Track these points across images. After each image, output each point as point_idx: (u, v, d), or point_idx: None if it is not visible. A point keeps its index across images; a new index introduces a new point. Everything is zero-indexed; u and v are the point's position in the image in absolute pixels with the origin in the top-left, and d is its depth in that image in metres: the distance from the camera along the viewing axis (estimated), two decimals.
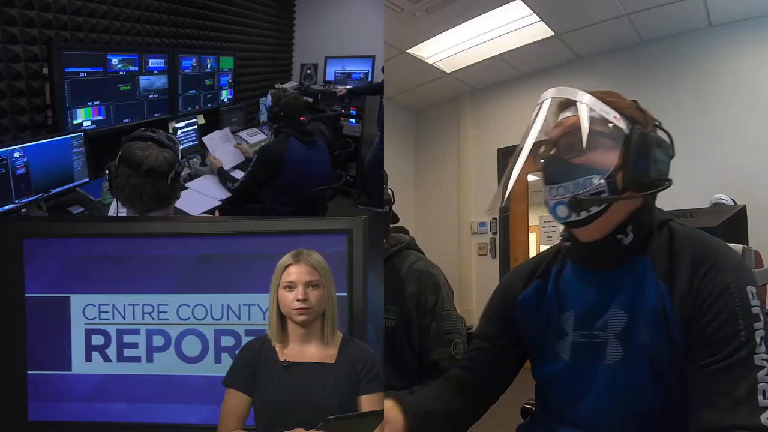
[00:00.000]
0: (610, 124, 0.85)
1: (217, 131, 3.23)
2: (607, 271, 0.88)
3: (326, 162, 2.83)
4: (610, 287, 0.86)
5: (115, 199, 1.45)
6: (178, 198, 1.44)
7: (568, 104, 0.91)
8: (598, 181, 0.82)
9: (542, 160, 0.93)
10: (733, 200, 3.00)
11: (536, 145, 0.92)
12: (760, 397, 0.67)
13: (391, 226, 1.56)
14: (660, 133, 0.89)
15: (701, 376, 0.72)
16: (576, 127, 0.86)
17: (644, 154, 0.83)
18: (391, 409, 0.89)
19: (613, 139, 0.85)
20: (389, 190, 1.59)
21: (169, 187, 1.38)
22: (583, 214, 0.84)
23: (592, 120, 0.85)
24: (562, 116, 0.91)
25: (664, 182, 0.85)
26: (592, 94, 0.89)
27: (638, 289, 0.83)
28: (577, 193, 0.83)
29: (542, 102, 0.92)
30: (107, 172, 1.38)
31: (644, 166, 0.83)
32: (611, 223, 0.86)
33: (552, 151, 0.90)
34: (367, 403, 1.12)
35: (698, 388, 0.72)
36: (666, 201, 0.95)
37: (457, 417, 1.01)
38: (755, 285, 0.75)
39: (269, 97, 2.72)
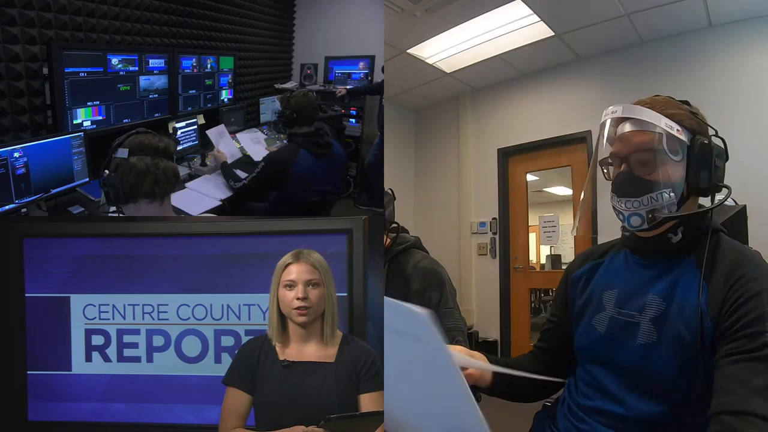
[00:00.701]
0: (675, 139, 0.93)
1: (217, 127, 3.17)
2: (654, 261, 0.97)
3: (337, 174, 2.69)
4: (654, 276, 0.95)
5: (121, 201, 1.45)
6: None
7: (629, 117, 0.96)
8: (668, 194, 0.92)
9: (605, 168, 1.01)
10: (734, 200, 3.00)
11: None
12: None
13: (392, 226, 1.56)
14: (714, 137, 0.96)
15: (724, 366, 0.78)
16: (646, 146, 0.93)
17: (706, 164, 0.92)
18: (477, 352, 0.99)
19: (678, 153, 0.93)
20: (389, 190, 1.59)
21: (177, 167, 1.46)
22: (653, 224, 0.94)
23: (659, 138, 0.92)
24: (621, 129, 0.97)
25: (722, 188, 0.94)
26: (652, 105, 0.95)
27: (680, 284, 0.91)
28: (651, 207, 0.93)
29: (605, 120, 0.99)
30: (108, 174, 1.38)
31: (706, 176, 0.92)
32: (668, 225, 0.95)
33: (622, 167, 0.97)
34: (367, 401, 1.12)
35: (720, 377, 0.78)
36: None
37: (536, 380, 1.08)
38: None
39: (277, 102, 2.61)
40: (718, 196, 0.96)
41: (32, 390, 1.47)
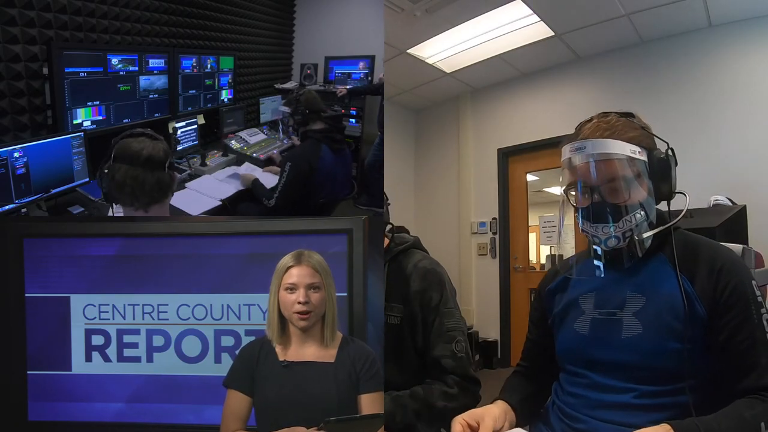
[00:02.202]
0: (638, 161, 1.00)
1: (244, 165, 3.14)
2: (625, 262, 1.03)
3: (349, 171, 2.74)
4: (628, 275, 1.03)
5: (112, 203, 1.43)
6: (173, 190, 1.44)
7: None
8: (641, 214, 1.00)
9: (572, 191, 1.07)
10: (731, 200, 3.00)
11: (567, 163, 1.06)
12: None
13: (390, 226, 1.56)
14: (660, 143, 1.04)
15: (732, 356, 0.90)
16: (616, 175, 0.99)
17: (666, 176, 1.01)
18: (499, 404, 1.08)
19: (642, 172, 1.01)
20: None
21: (167, 176, 1.38)
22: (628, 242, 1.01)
23: (626, 165, 0.99)
24: (587, 159, 1.01)
25: (676, 194, 1.03)
26: (612, 133, 0.99)
27: (657, 278, 0.99)
28: (627, 228, 0.99)
29: (573, 156, 1.03)
30: (100, 175, 1.38)
31: (666, 186, 1.01)
32: None
33: (595, 197, 1.01)
34: (367, 401, 1.12)
35: (732, 365, 0.91)
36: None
37: (532, 398, 1.17)
38: (754, 279, 0.95)
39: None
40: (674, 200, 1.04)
41: (32, 390, 1.47)
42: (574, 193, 1.06)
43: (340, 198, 2.69)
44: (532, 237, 4.96)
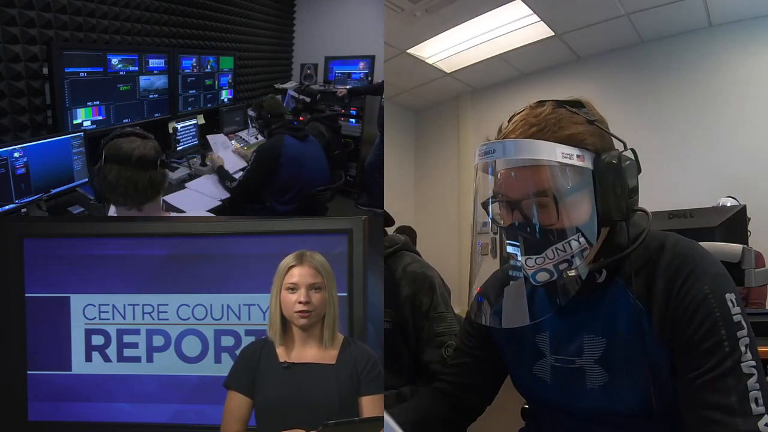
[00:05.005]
0: (576, 169, 0.76)
1: (218, 135, 3.23)
2: (581, 297, 0.80)
3: (321, 157, 2.88)
4: (585, 313, 0.83)
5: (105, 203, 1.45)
6: (164, 187, 1.46)
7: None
8: (577, 241, 0.76)
9: (496, 215, 0.86)
10: (735, 200, 3.00)
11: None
12: (753, 405, 0.67)
13: (395, 227, 1.54)
14: (617, 142, 0.81)
15: (692, 390, 0.71)
16: (542, 187, 0.76)
17: (615, 187, 0.76)
18: None
19: (582, 183, 0.77)
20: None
21: (159, 174, 1.39)
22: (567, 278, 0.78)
23: (557, 173, 0.75)
24: (504, 164, 0.80)
25: (636, 212, 0.79)
26: (541, 128, 0.77)
27: (614, 314, 0.80)
28: (560, 259, 0.76)
29: (480, 163, 0.82)
30: (92, 175, 1.39)
31: (618, 200, 0.76)
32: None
33: (514, 215, 0.79)
34: (368, 404, 1.12)
35: (692, 403, 0.71)
36: (665, 201, 0.97)
37: (440, 425, 1.02)
38: (735, 291, 0.74)
39: (252, 112, 2.92)
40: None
41: (32, 390, 1.46)
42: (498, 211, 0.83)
43: (319, 184, 2.78)
44: None
